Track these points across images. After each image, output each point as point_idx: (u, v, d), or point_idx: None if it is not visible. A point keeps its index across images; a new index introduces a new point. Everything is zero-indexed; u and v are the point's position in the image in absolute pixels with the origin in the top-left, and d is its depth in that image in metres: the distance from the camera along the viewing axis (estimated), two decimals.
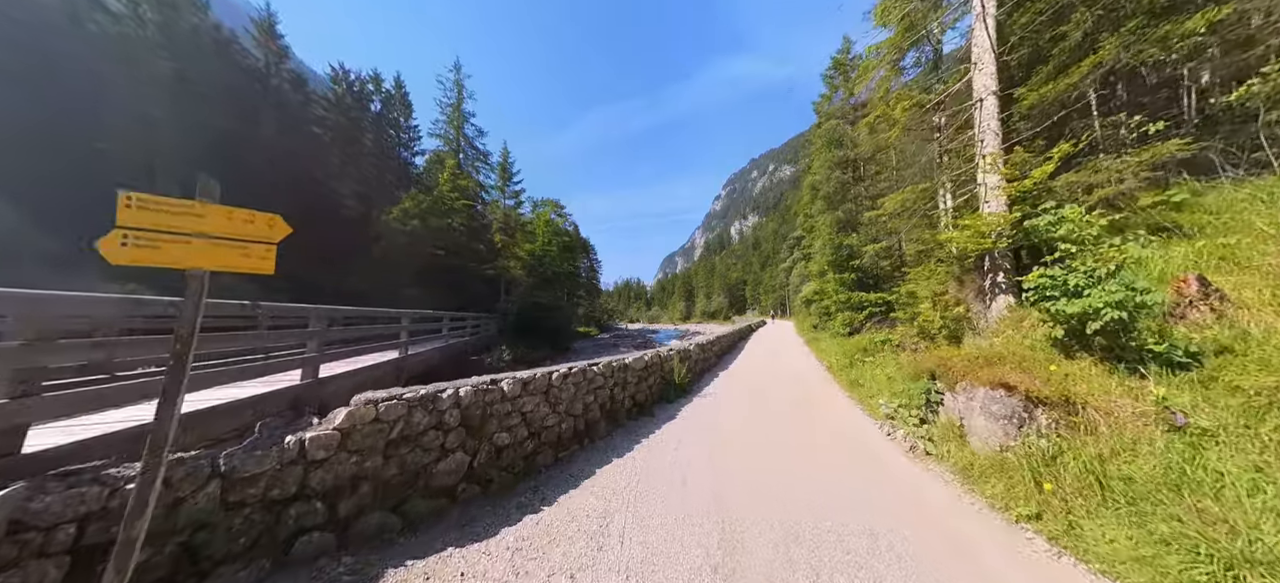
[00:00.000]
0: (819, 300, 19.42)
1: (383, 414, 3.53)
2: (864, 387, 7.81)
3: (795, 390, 8.23)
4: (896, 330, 11.03)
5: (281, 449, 3.07)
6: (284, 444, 3.08)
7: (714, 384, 8.95)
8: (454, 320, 15.42)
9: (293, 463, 3.08)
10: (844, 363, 10.00)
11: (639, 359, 6.88)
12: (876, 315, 12.79)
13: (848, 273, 13.18)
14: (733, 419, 6.20)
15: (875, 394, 7.07)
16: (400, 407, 3.64)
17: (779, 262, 66.91)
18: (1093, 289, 3.86)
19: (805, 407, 6.85)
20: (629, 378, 6.52)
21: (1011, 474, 3.49)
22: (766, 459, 4.51)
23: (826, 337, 16.12)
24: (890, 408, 5.60)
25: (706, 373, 10.52)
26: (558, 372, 5.11)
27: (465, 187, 29.28)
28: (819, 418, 6.18)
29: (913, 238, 10.55)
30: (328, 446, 3.22)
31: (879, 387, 7.37)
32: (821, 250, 13.95)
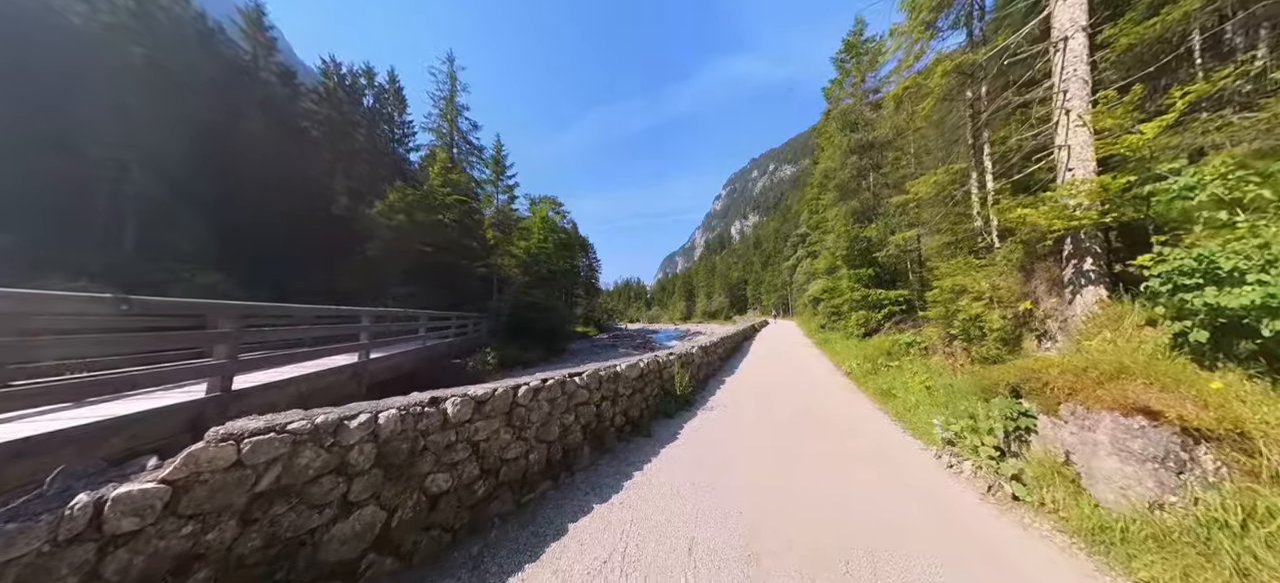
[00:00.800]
0: (828, 299, 18.26)
1: (248, 455, 2.35)
2: (897, 398, 6.65)
3: (816, 402, 7.07)
4: (922, 331, 9.88)
5: (59, 518, 1.89)
6: (67, 510, 1.91)
7: (720, 393, 7.80)
8: (437, 320, 14.28)
9: (74, 541, 1.91)
10: (866, 368, 8.84)
11: (633, 367, 5.73)
12: (896, 315, 11.64)
13: (864, 268, 12.03)
14: (747, 441, 5.05)
15: (914, 408, 5.92)
16: (278, 443, 2.45)
17: (781, 260, 65.76)
18: (1272, 273, 2.70)
19: (832, 425, 5.70)
20: (620, 390, 5.37)
21: (1180, 549, 2.33)
22: (798, 505, 3.36)
23: (839, 338, 14.96)
24: (948, 430, 4.44)
25: (711, 379, 9.38)
26: (527, 386, 3.96)
27: (457, 181, 28.15)
28: (852, 440, 5.02)
29: (942, 227, 9.40)
30: (144, 508, 2.05)
31: (916, 399, 6.21)
32: (834, 244, 12.84)
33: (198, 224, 20.05)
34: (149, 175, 19.62)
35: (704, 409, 6.52)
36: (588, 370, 4.94)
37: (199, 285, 17.07)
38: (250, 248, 20.90)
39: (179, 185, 20.07)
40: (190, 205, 20.30)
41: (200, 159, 20.70)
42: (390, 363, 9.34)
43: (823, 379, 9.04)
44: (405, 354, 10.24)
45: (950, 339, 8.26)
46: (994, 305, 6.10)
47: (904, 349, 9.57)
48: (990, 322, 6.02)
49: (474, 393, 3.47)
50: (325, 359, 7.63)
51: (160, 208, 19.82)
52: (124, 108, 18.58)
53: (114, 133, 18.36)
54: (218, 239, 20.22)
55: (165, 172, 19.54)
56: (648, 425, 5.41)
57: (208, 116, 21.37)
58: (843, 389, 8.00)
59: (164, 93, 19.46)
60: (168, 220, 19.99)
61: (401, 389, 3.73)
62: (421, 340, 11.25)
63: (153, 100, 19.15)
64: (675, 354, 7.45)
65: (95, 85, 18.53)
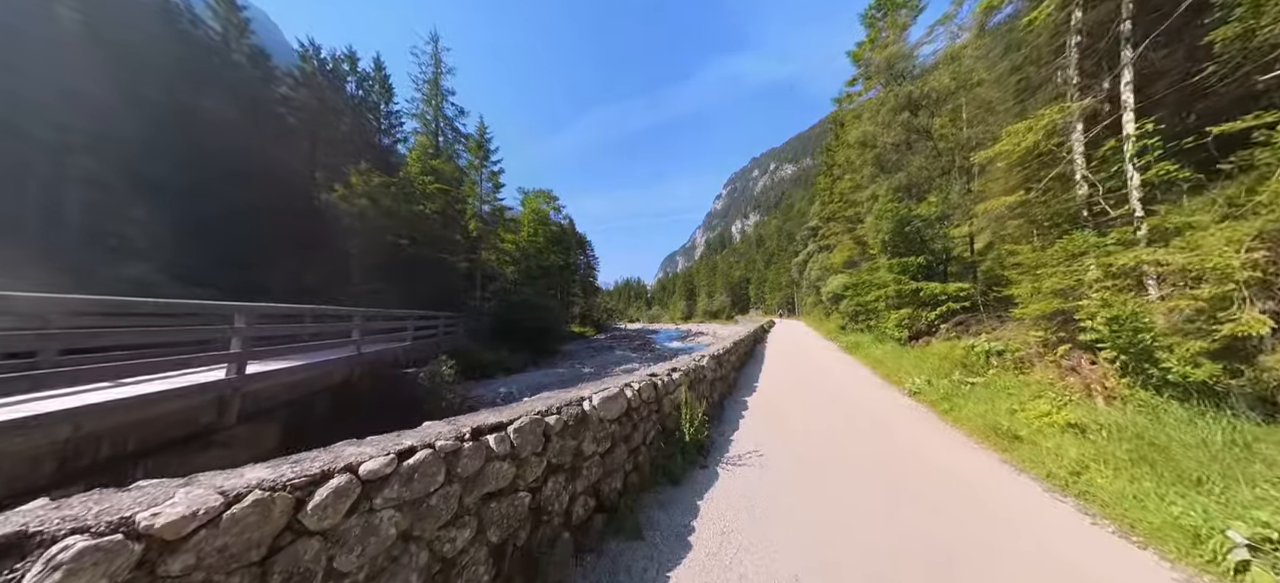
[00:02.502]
0: (852, 296, 15.87)
1: None
2: (1028, 445, 4.25)
3: (893, 451, 4.66)
4: (998, 333, 7.50)
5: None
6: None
7: (745, 427, 5.40)
8: (390, 320, 11.94)
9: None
10: (941, 388, 6.46)
11: (612, 400, 3.36)
12: (956, 314, 9.26)
13: (913, 256, 9.67)
14: (821, 543, 2.67)
15: (1081, 472, 3.54)
16: None
17: (786, 258, 63.42)
18: None
19: (945, 503, 3.30)
20: (587, 446, 3.01)
21: None
22: None
23: (870, 341, 12.57)
24: (1243, 538, 2.06)
25: (727, 398, 7.00)
26: (334, 484, 1.56)
27: (440, 169, 25.80)
28: (1013, 542, 2.66)
29: (1033, 200, 7.03)
30: None
31: (1075, 454, 3.82)
32: (874, 225, 10.52)
33: (151, 214, 17.77)
34: (97, 160, 17.30)
35: (727, 464, 4.13)
36: (523, 415, 2.57)
37: (128, 280, 14.79)
38: (208, 240, 18.61)
39: (132, 172, 17.86)
40: (143, 193, 18.06)
41: (157, 144, 18.45)
42: (293, 378, 6.94)
43: (880, 403, 6.64)
44: (329, 364, 7.86)
45: (1066, 347, 5.88)
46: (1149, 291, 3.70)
47: (984, 360, 7.19)
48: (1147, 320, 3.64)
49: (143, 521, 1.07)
50: (183, 375, 5.31)
51: (109, 195, 17.55)
52: (68, 84, 16.24)
53: (59, 111, 16.02)
54: (174, 230, 17.94)
55: (117, 157, 17.34)
56: (635, 517, 3.00)
57: (166, 98, 19.06)
58: (920, 422, 5.60)
59: (115, 70, 17.12)
60: (117, 209, 17.75)
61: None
62: (354, 346, 8.88)
63: (102, 78, 16.81)
64: (681, 370, 5.06)
65: (36, 57, 16.14)
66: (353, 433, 2.17)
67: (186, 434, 5.15)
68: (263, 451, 6.31)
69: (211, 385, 5.38)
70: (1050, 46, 6.87)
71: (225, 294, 14.20)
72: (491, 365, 19.65)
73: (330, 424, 9.17)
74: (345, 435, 2.15)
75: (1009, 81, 8.96)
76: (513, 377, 19.01)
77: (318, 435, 2.31)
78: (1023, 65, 7.84)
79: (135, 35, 18.52)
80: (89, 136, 16.75)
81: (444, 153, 30.82)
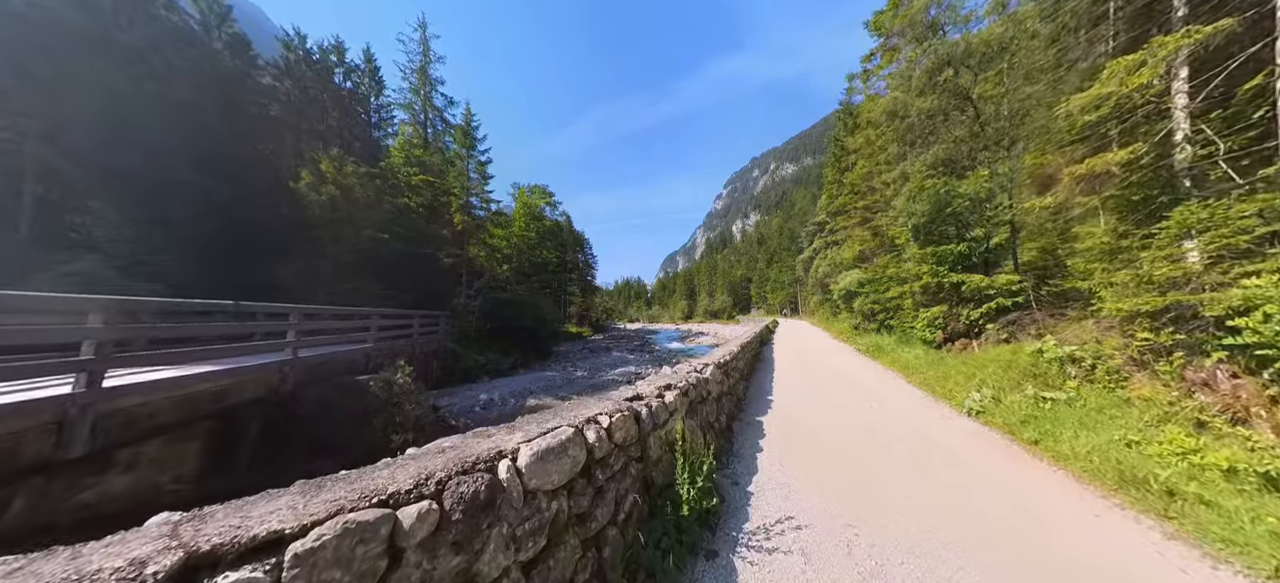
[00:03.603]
0: (868, 293, 14.43)
1: None
2: (1233, 516, 2.80)
3: (1012, 530, 3.20)
4: (1062, 334, 6.08)
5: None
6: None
7: (768, 471, 3.90)
8: (343, 319, 10.54)
9: None
10: (1019, 407, 5.01)
11: (565, 448, 1.91)
12: (1007, 313, 7.81)
13: (949, 244, 8.18)
14: None
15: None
16: None
17: (788, 257, 61.98)
18: None
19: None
20: (490, 562, 1.55)
21: None
22: None
23: (893, 343, 11.12)
24: None
25: (734, 419, 5.56)
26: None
27: (422, 158, 24.41)
28: None
29: (1120, 173, 5.59)
30: None
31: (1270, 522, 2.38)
32: (905, 208, 9.05)
33: (116, 207, 16.43)
34: (52, 148, 15.93)
35: (749, 547, 2.66)
36: (339, 518, 1.10)
37: (74, 274, 13.48)
38: (174, 234, 17.24)
39: (93, 162, 16.54)
40: (105, 184, 16.73)
41: (122, 134, 17.11)
42: (182, 391, 5.53)
43: (938, 427, 5.16)
44: (230, 374, 6.42)
45: (1181, 357, 4.45)
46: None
47: (1055, 369, 5.75)
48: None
49: None
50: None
51: (70, 188, 16.21)
52: (26, 73, 14.86)
53: (13, 97, 14.64)
54: (137, 223, 16.59)
55: (76, 145, 16.01)
56: None
57: (137, 88, 17.70)
58: (1009, 460, 4.12)
59: (76, 55, 15.76)
60: (75, 201, 16.40)
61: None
62: (290, 350, 7.45)
63: (61, 63, 15.43)
64: (676, 388, 3.63)
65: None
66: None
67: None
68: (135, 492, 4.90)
69: (41, 404, 3.97)
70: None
71: (178, 291, 12.77)
72: (477, 369, 18.23)
73: (260, 447, 7.68)
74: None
75: (1047, 53, 7.54)
76: (499, 381, 17.61)
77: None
78: (1060, 34, 6.39)
79: (97, 18, 17.02)
80: (46, 123, 15.29)
81: (433, 145, 29.44)
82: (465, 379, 17.38)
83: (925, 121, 9.10)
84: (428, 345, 15.66)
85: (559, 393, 15.07)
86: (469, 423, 11.18)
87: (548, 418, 2.33)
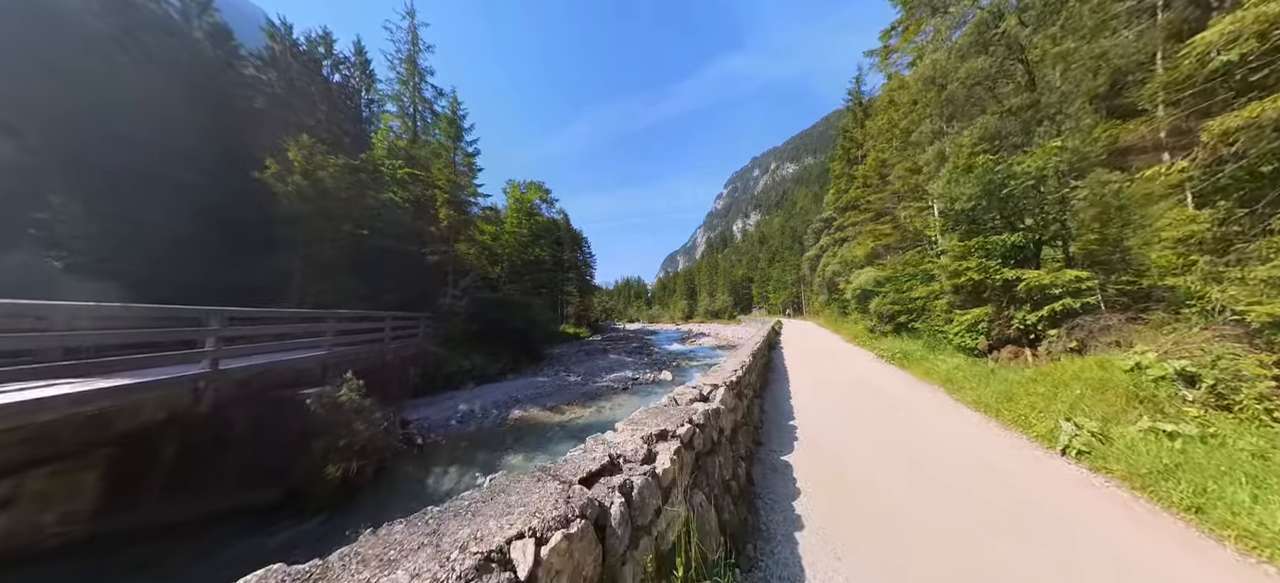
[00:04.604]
0: (889, 292, 13.10)
1: None
2: None
3: None
4: (1142, 340, 4.77)
5: None
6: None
7: (818, 570, 2.59)
8: (287, 323, 9.25)
9: None
10: (1138, 445, 3.68)
11: None
12: (1076, 316, 6.48)
13: (1005, 233, 6.81)
14: None
15: None
16: None
17: (790, 256, 60.69)
18: None
19: None
20: None
21: None
22: None
23: (922, 349, 9.79)
24: None
25: (753, 460, 4.24)
26: None
27: (408, 151, 23.10)
28: None
29: None
30: None
31: None
32: (944, 193, 7.70)
33: (83, 203, 15.15)
34: (16, 143, 14.64)
35: None
36: None
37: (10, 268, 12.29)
38: (141, 230, 15.97)
39: (62, 157, 15.28)
40: (76, 181, 15.48)
41: (96, 128, 15.84)
42: (59, 414, 4.23)
43: (1027, 477, 3.80)
44: (111, 393, 5.08)
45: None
46: None
47: (1167, 391, 4.44)
48: None
49: None
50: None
51: (32, 181, 14.93)
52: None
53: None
54: (107, 221, 15.33)
55: (46, 140, 14.75)
56: None
57: (111, 77, 16.41)
58: (1177, 547, 2.81)
59: (42, 41, 14.45)
60: (39, 197, 15.13)
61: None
62: (209, 360, 6.13)
63: (24, 49, 14.12)
64: (674, 439, 2.30)
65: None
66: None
67: None
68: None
69: None
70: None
71: (143, 290, 11.43)
72: (461, 374, 16.89)
73: (177, 476, 6.42)
74: None
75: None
76: (485, 387, 16.30)
77: None
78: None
79: (67, 2, 15.62)
80: (6, 113, 13.93)
81: (422, 138, 28.12)
82: (449, 386, 16.05)
83: (969, 90, 7.74)
84: (405, 350, 14.31)
85: (548, 402, 13.75)
86: (440, 440, 9.88)
87: (419, 552, 1.01)
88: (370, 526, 1.36)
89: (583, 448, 2.08)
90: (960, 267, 7.50)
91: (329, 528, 5.80)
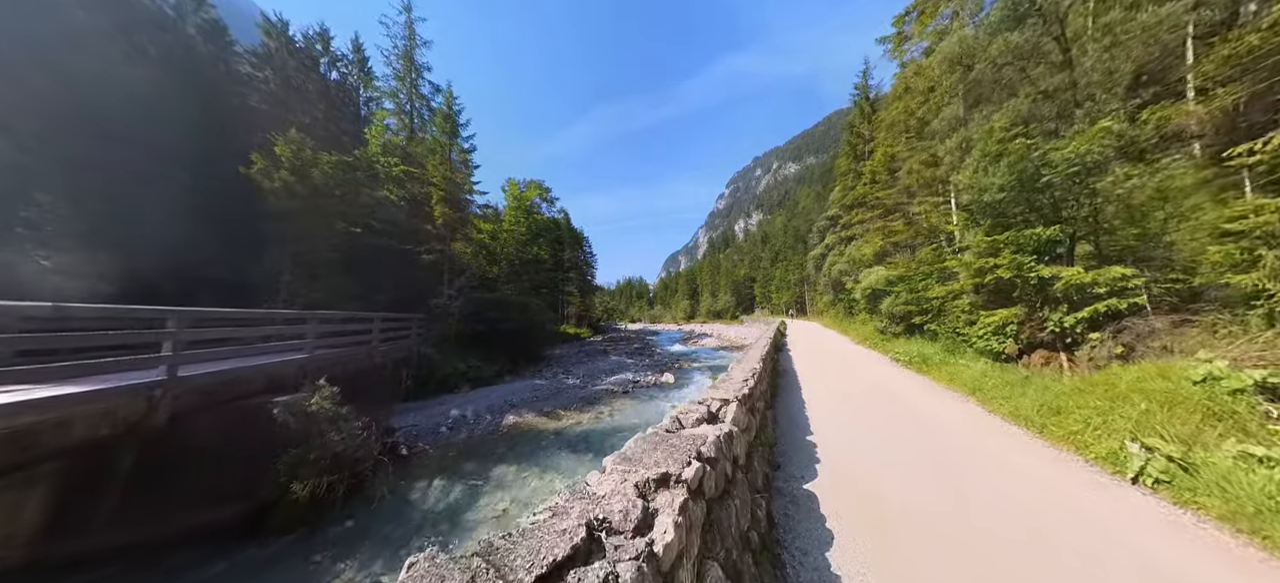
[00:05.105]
0: (903, 291, 12.47)
1: None
2: None
3: None
4: (1201, 342, 4.16)
5: None
6: None
7: None
8: (259, 326, 8.71)
9: None
10: (1248, 484, 3.06)
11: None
12: (1121, 317, 5.87)
13: (1040, 226, 6.16)
14: None
15: None
16: None
17: (794, 255, 59.99)
18: None
19: None
20: None
21: None
22: None
23: (940, 353, 9.18)
24: None
25: (771, 489, 3.65)
26: None
27: (404, 147, 22.59)
28: None
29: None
30: None
31: None
32: (971, 183, 7.01)
33: (73, 202, 14.72)
34: (6, 140, 14.19)
35: None
36: None
37: None
38: (142, 232, 15.55)
39: (53, 154, 14.87)
40: (67, 179, 15.08)
41: (87, 125, 15.39)
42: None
43: (1100, 510, 3.13)
44: (55, 403, 4.53)
45: None
46: None
47: (1249, 402, 3.82)
48: None
49: None
50: None
51: (20, 179, 14.51)
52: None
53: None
54: (98, 219, 14.89)
55: (36, 137, 14.33)
56: None
57: (104, 73, 15.94)
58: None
59: (31, 35, 13.98)
60: (27, 195, 14.71)
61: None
62: (165, 367, 5.57)
63: (13, 44, 13.66)
64: (677, 486, 1.72)
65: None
66: None
67: None
68: None
69: None
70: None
71: (130, 289, 10.94)
72: (456, 377, 16.35)
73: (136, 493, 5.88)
74: None
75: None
76: (480, 391, 15.74)
77: None
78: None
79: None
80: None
81: (419, 135, 27.62)
82: (443, 389, 15.51)
83: (998, 71, 7.11)
84: (396, 352, 13.75)
85: (545, 407, 13.17)
86: (428, 449, 9.31)
87: None
88: (332, 552, 0.77)
89: (551, 509, 1.48)
90: (986, 264, 6.86)
91: (290, 553, 5.23)
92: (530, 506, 6.47)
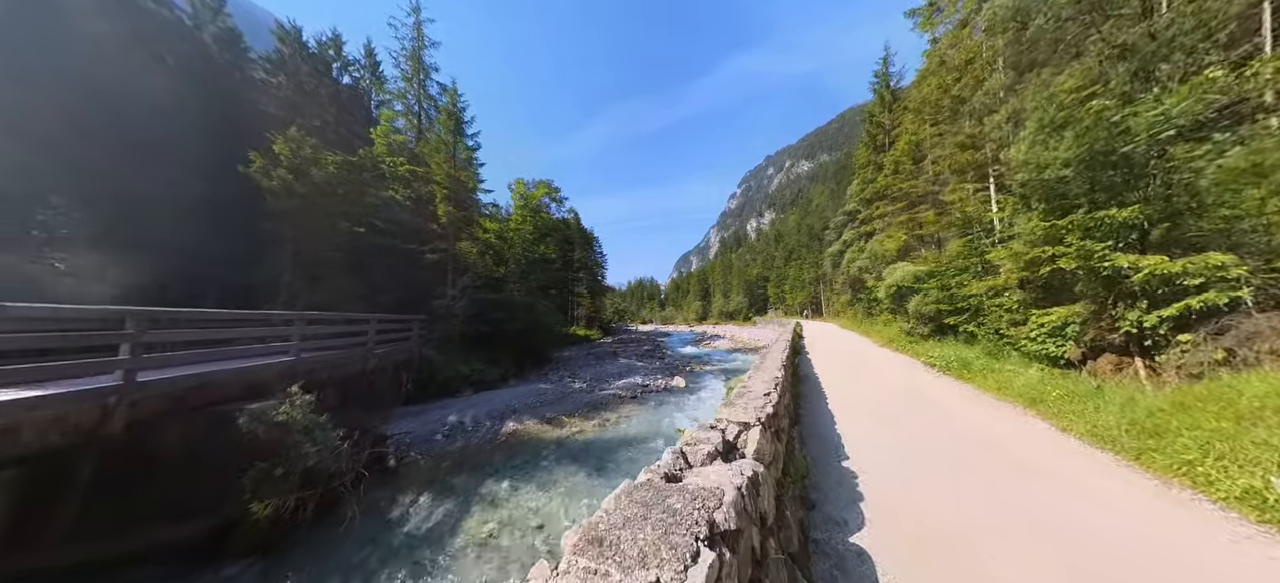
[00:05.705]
0: (934, 288, 11.46)
1: None
2: None
3: None
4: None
5: None
6: None
7: None
8: (227, 327, 8.12)
9: None
10: None
11: None
12: (1211, 316, 4.90)
13: (1112, 208, 5.16)
14: None
15: None
16: None
17: (808, 254, 58.50)
18: None
19: None
20: None
21: None
22: None
23: (982, 358, 8.20)
24: None
25: (808, 556, 2.85)
26: None
27: (408, 145, 22.25)
28: None
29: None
30: None
31: None
32: (1027, 158, 5.93)
33: (86, 205, 14.76)
34: (21, 143, 14.23)
35: None
36: None
37: None
38: (153, 234, 15.51)
39: (68, 159, 14.93)
40: (81, 182, 15.13)
41: (103, 130, 15.42)
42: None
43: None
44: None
45: None
46: None
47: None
48: None
49: None
50: None
51: (37, 182, 14.57)
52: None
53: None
54: (110, 221, 14.88)
55: (52, 141, 14.40)
56: None
57: (122, 81, 15.95)
58: None
59: (51, 42, 14.00)
60: (43, 199, 14.78)
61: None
62: (122, 370, 5.03)
63: (32, 49, 13.68)
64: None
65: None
66: None
67: None
68: None
69: None
70: None
71: (135, 291, 10.69)
72: (457, 380, 15.77)
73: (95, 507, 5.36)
74: None
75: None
76: (482, 394, 15.13)
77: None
78: None
79: (77, 5, 15.09)
80: (13, 115, 13.44)
81: (425, 136, 27.35)
82: (445, 392, 14.94)
83: (1059, 27, 6.12)
84: (396, 354, 13.21)
85: (548, 412, 12.47)
86: (419, 459, 8.70)
87: None
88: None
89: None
90: (1043, 254, 5.89)
91: (242, 581, 4.62)
92: (519, 528, 5.76)
